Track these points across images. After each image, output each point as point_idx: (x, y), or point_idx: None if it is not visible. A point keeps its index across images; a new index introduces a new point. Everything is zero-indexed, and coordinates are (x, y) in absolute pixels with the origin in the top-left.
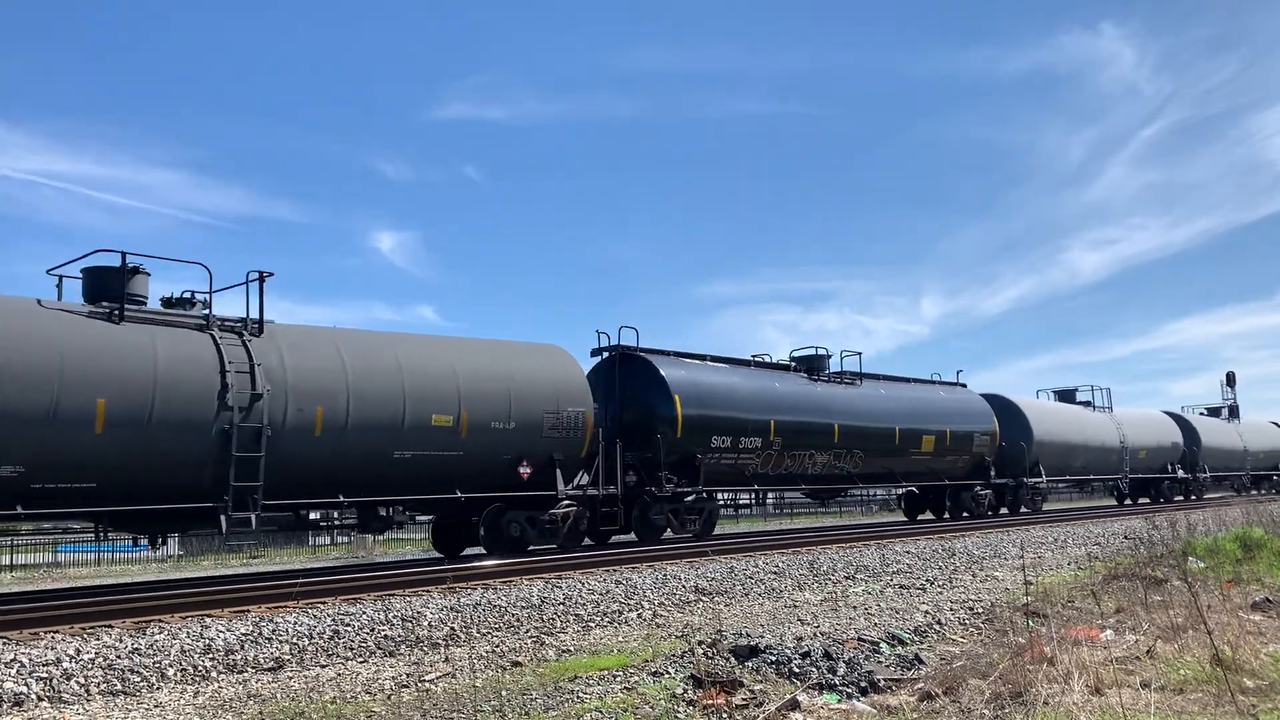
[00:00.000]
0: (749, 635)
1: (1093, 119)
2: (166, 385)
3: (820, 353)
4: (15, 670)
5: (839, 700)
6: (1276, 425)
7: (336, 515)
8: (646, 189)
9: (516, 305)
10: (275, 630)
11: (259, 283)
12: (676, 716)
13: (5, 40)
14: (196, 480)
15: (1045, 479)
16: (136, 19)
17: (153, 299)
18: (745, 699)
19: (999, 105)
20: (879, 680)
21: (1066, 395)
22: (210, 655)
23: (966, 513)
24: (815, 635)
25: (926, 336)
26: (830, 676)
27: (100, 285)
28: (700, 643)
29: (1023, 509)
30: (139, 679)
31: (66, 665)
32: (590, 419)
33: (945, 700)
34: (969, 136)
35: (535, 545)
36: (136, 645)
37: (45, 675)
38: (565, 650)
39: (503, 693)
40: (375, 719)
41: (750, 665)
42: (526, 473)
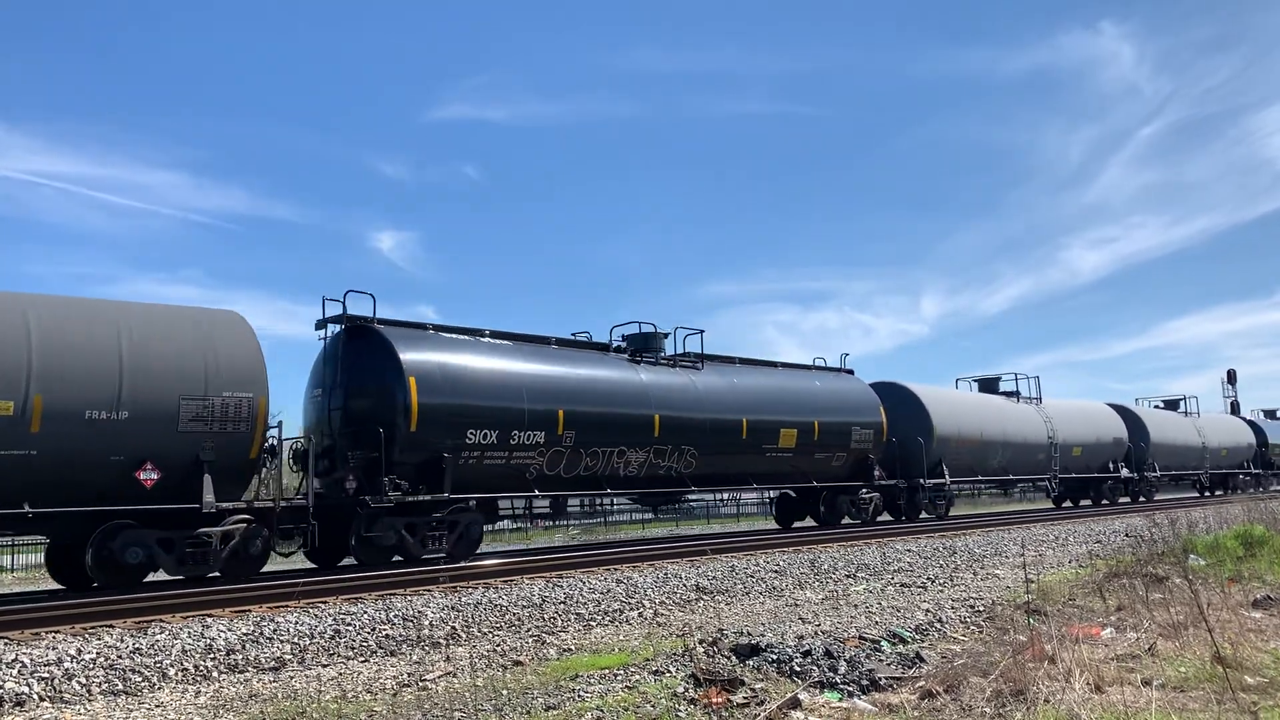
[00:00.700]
0: (750, 634)
1: (1093, 118)
2: None
3: (651, 330)
4: (17, 670)
5: (840, 698)
6: (1244, 420)
7: None
8: (646, 189)
9: (517, 304)
10: (276, 630)
11: None
12: (678, 715)
13: (6, 40)
14: None
15: (949, 480)
16: (137, 19)
17: None
18: (746, 697)
19: (999, 105)
20: (880, 678)
21: (989, 384)
22: (211, 655)
23: (848, 519)
24: (816, 634)
25: (927, 336)
26: (831, 675)
27: None
28: (701, 641)
29: (923, 514)
30: (140, 679)
31: (68, 665)
32: (264, 407)
33: (946, 698)
34: (969, 136)
35: (178, 573)
36: (138, 645)
37: (47, 675)
38: (566, 649)
39: (504, 692)
40: (376, 718)
41: (751, 664)
42: (151, 480)
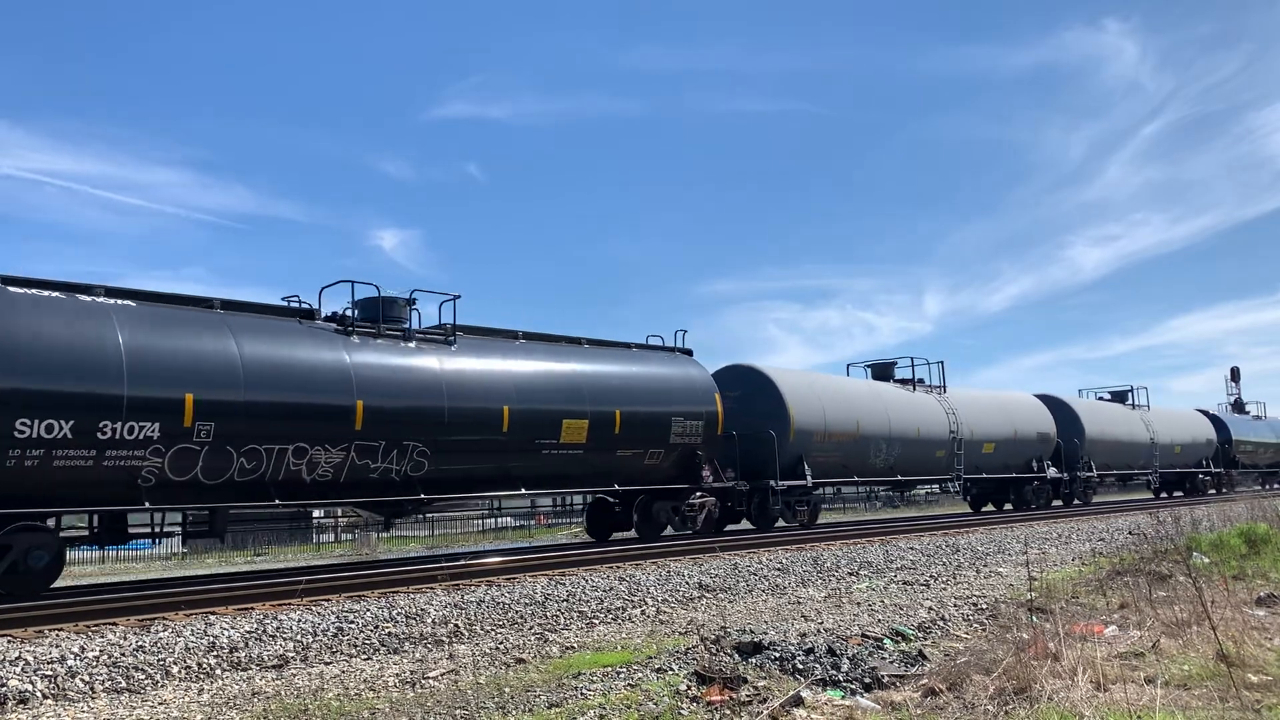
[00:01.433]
0: (753, 632)
1: (1095, 116)
2: None
3: (378, 293)
4: (20, 668)
5: (843, 696)
6: (1203, 413)
7: None
8: (647, 188)
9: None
10: (279, 628)
11: None
12: (680, 713)
13: (7, 40)
14: None
15: (811, 481)
16: (138, 19)
17: None
18: (749, 695)
19: (1000, 103)
20: (883, 676)
21: (883, 371)
22: (214, 653)
23: (671, 530)
24: (819, 631)
25: (929, 333)
26: (834, 673)
27: None
28: (704, 639)
29: (779, 521)
30: (143, 677)
31: (71, 663)
32: None
33: (949, 696)
34: (972, 134)
35: None
36: (141, 643)
37: (50, 673)
38: (569, 647)
39: (506, 689)
40: (379, 716)
41: (754, 662)
42: None
